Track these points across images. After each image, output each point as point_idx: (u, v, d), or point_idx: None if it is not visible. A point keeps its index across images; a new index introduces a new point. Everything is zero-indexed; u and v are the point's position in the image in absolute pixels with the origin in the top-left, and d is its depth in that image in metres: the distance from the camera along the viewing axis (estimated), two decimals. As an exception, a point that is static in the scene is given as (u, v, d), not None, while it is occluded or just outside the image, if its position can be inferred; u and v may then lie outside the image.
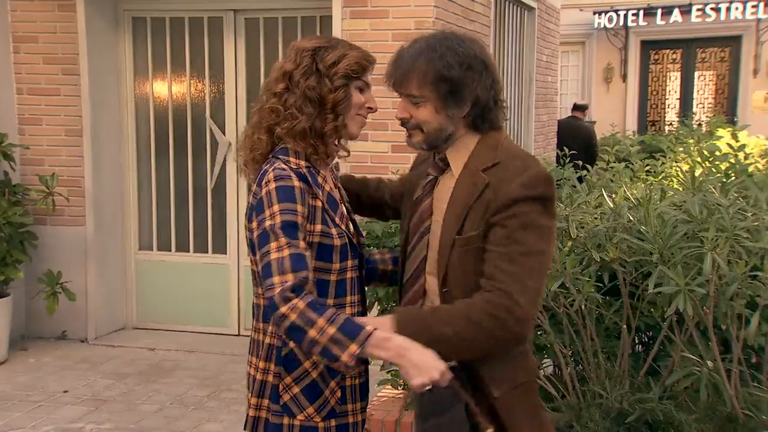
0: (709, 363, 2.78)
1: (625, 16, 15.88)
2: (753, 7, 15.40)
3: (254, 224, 1.94)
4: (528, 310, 1.90)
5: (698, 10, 15.49)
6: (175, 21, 6.28)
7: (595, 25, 16.15)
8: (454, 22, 5.57)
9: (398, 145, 5.34)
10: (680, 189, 3.31)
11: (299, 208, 1.92)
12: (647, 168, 4.01)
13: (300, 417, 2.01)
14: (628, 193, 3.00)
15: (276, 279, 1.81)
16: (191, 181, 6.37)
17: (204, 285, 6.24)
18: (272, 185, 1.93)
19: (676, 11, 15.57)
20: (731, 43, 16.53)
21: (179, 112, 6.37)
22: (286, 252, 1.83)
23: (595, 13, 15.97)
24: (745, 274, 2.62)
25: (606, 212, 3.01)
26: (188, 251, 6.40)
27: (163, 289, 6.39)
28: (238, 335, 6.22)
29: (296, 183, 1.95)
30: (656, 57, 16.84)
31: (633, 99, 16.62)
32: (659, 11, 15.66)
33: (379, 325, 1.86)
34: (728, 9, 15.44)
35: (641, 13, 15.77)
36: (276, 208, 1.89)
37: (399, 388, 4.02)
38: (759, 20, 15.69)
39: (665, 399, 2.91)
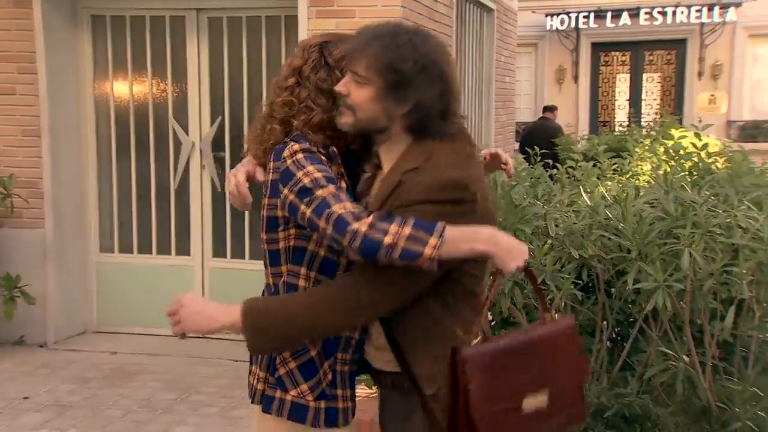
0: (685, 357, 2.84)
1: (576, 18, 16.14)
2: (697, 11, 15.79)
3: (286, 190, 1.88)
4: (368, 299, 1.85)
5: (646, 13, 15.83)
6: (135, 19, 6.17)
7: (548, 27, 16.39)
8: (420, 22, 5.59)
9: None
10: (652, 187, 3.37)
11: (331, 173, 1.91)
12: (614, 167, 4.08)
13: (293, 393, 2.01)
14: (604, 191, 3.04)
15: (335, 207, 1.78)
16: (154, 181, 6.27)
17: (167, 287, 6.15)
18: (299, 155, 1.91)
19: (625, 14, 15.89)
20: (677, 46, 16.92)
21: (141, 112, 6.26)
22: (334, 190, 1.83)
23: (547, 15, 16.20)
24: (720, 270, 2.69)
25: (581, 210, 3.05)
26: (151, 253, 6.30)
27: (125, 292, 6.28)
28: (203, 337, 6.12)
29: (323, 158, 1.96)
30: (606, 59, 17.15)
31: (584, 100, 16.91)
32: (609, 14, 15.98)
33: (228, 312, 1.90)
34: (674, 13, 15.81)
35: (592, 15, 16.06)
36: (310, 168, 1.87)
37: (372, 387, 4.01)
38: (703, 24, 16.09)
39: (642, 393, 2.96)
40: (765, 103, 16.57)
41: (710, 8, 15.72)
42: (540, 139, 9.64)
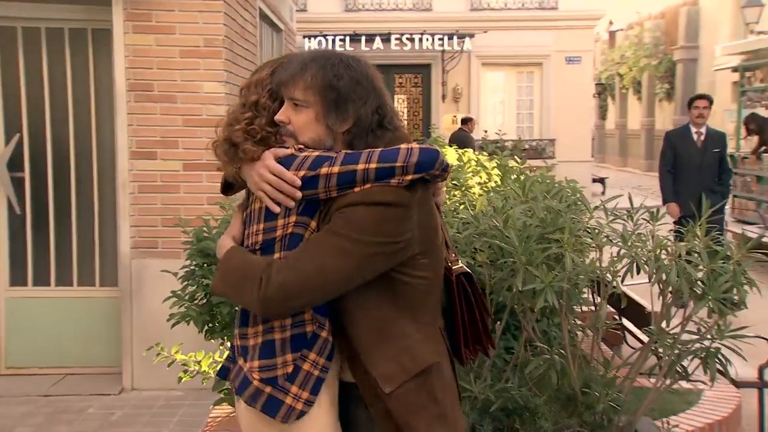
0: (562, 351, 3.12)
1: (333, 41, 16.63)
2: (440, 39, 17.01)
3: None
4: (274, 290, 1.86)
5: (396, 39, 16.74)
6: None
7: (306, 49, 16.70)
8: (234, 40, 5.52)
9: (191, 163, 5.16)
10: (493, 199, 3.62)
11: None
12: (453, 180, 4.34)
13: (248, 365, 2.01)
14: (485, 203, 3.25)
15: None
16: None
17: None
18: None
19: (378, 39, 16.66)
20: (423, 70, 18.09)
21: None
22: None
23: (305, 37, 16.50)
24: (593, 267, 3.00)
25: (466, 219, 3.23)
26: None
27: None
28: (4, 374, 5.55)
29: None
30: (360, 81, 17.83)
31: (341, 119, 17.42)
32: (363, 38, 16.65)
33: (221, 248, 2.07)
34: (420, 40, 16.88)
35: (348, 39, 16.64)
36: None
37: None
38: (444, 51, 17.35)
39: (524, 387, 3.20)
40: (496, 123, 18.17)
41: (450, 37, 16.99)
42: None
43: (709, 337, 3.08)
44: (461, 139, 12.34)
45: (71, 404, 5.13)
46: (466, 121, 13.81)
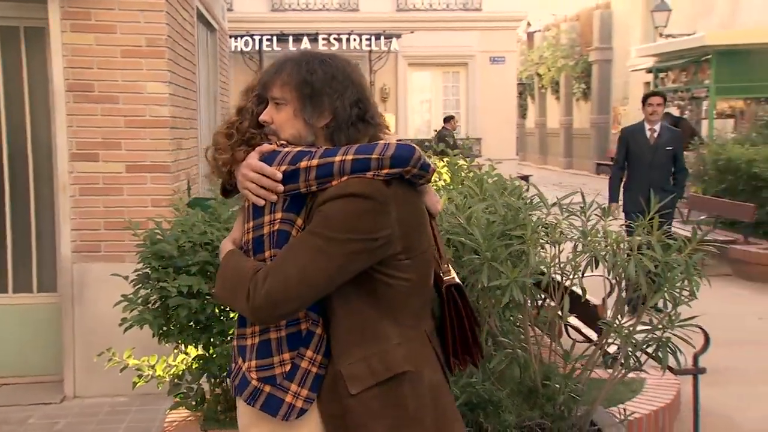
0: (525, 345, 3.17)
1: (260, 41, 16.47)
2: (367, 39, 17.06)
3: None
4: (261, 300, 1.86)
5: (324, 39, 16.69)
6: None
7: (233, 49, 16.48)
8: (176, 40, 5.40)
9: (135, 165, 5.02)
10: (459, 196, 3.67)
11: None
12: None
13: (245, 365, 2.02)
14: (446, 201, 3.27)
15: None
16: None
17: None
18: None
19: (305, 38, 16.58)
20: (351, 70, 18.03)
21: None
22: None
23: (231, 37, 16.26)
24: (556, 262, 3.06)
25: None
26: None
27: None
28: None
29: None
30: (287, 80, 17.73)
31: (270, 119, 17.29)
32: (291, 38, 16.54)
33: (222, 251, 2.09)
34: (348, 40, 16.87)
35: (275, 38, 16.50)
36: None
37: (196, 410, 3.84)
38: (371, 51, 17.39)
39: (487, 381, 3.23)
40: (423, 122, 18.32)
41: (377, 37, 17.05)
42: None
43: (660, 327, 3.18)
44: (444, 137, 13.05)
45: (10, 415, 4.93)
46: (448, 119, 14.41)
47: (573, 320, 5.15)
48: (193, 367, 3.87)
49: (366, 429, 1.94)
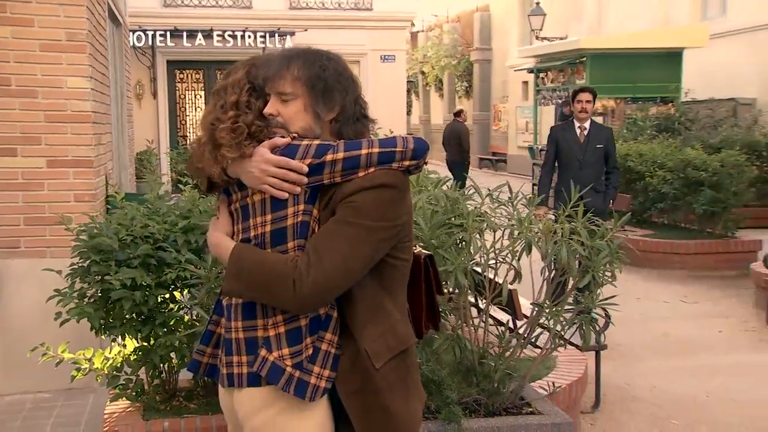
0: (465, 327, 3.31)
1: (153, 36, 15.99)
2: (261, 36, 16.86)
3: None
4: (309, 289, 1.92)
5: (219, 35, 16.38)
6: None
7: (131, 44, 15.95)
8: (93, 35, 5.22)
9: (56, 160, 4.84)
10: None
11: None
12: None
13: (275, 354, 2.02)
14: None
15: None
16: None
17: None
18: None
19: (200, 35, 16.23)
20: (245, 66, 17.79)
21: None
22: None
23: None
24: (493, 249, 3.21)
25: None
26: None
27: None
28: None
29: None
30: (181, 76, 17.33)
31: (164, 115, 16.86)
32: (185, 34, 16.15)
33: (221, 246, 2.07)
34: (243, 37, 16.64)
35: (168, 34, 16.06)
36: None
37: (136, 401, 3.77)
38: (266, 48, 17.20)
39: (429, 362, 3.35)
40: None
41: (272, 35, 16.90)
42: (452, 136, 14.27)
43: (583, 306, 3.40)
44: (458, 129, 14.34)
45: (-74, 417, 4.67)
46: (458, 113, 15.00)
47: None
48: (132, 358, 3.81)
49: (387, 400, 2.04)
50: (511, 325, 3.78)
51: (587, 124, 7.06)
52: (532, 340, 3.68)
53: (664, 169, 9.52)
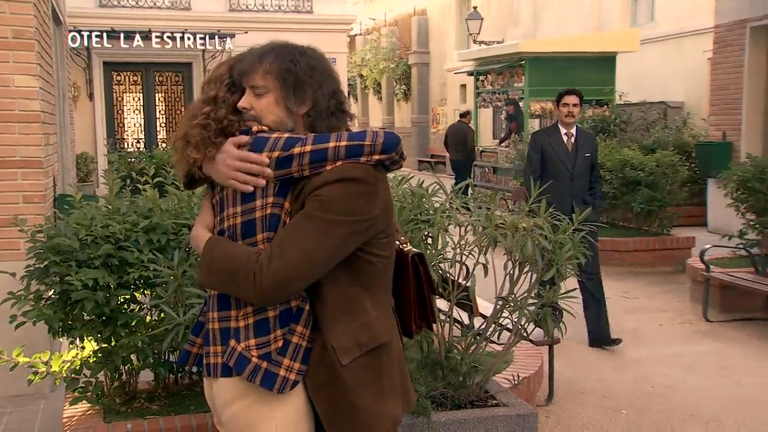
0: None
1: (89, 36, 15.59)
2: (201, 38, 16.63)
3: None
4: (269, 282, 1.91)
5: (157, 37, 16.08)
6: None
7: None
8: (41, 33, 5.09)
9: (4, 160, 4.68)
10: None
11: None
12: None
13: (242, 344, 2.02)
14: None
15: None
16: None
17: None
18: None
19: (138, 36, 15.90)
20: (184, 68, 17.58)
21: None
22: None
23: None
24: (460, 244, 3.25)
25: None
26: None
27: None
28: None
29: None
30: (119, 78, 16.96)
31: (101, 118, 16.48)
32: (122, 35, 15.81)
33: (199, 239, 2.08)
34: (182, 38, 16.38)
35: (105, 35, 15.68)
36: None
37: (96, 404, 3.69)
38: (205, 50, 17.00)
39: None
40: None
41: (211, 37, 16.69)
42: (456, 137, 14.93)
43: (546, 299, 3.47)
44: (463, 130, 15.00)
45: None
46: (464, 114, 15.55)
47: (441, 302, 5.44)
48: (92, 360, 3.72)
49: (354, 397, 2.02)
50: (473, 321, 3.83)
51: (574, 130, 6.27)
52: (494, 336, 3.74)
53: (603, 170, 9.75)
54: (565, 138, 6.22)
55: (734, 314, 7.07)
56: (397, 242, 2.26)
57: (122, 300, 3.57)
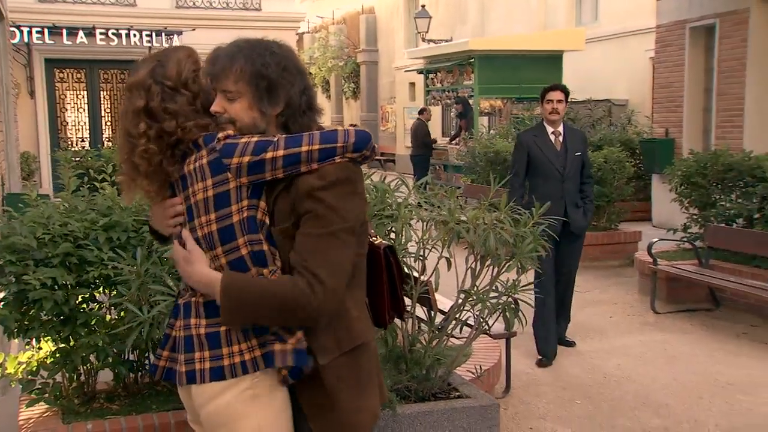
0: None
1: (29, 33, 15.22)
2: (148, 35, 16.41)
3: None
4: (330, 299, 1.96)
5: (102, 33, 15.79)
6: None
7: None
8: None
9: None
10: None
11: None
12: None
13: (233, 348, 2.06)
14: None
15: None
16: None
17: None
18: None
19: (81, 33, 15.59)
20: (130, 66, 17.08)
21: None
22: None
23: (0, 28, 14.90)
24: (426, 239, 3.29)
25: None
26: None
27: None
28: None
29: None
30: (62, 75, 16.59)
31: (43, 116, 16.10)
32: (65, 32, 15.47)
33: (210, 281, 2.00)
34: (127, 35, 16.12)
35: (47, 31, 15.32)
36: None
37: (54, 405, 3.62)
38: (152, 47, 16.72)
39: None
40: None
41: (158, 34, 16.46)
42: (419, 134, 15.25)
43: (506, 293, 3.54)
44: (421, 127, 15.29)
45: None
46: (422, 111, 15.79)
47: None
48: (50, 361, 3.65)
49: (335, 394, 2.05)
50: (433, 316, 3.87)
51: (561, 128, 5.82)
52: (456, 330, 3.79)
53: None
54: (552, 137, 5.78)
55: (680, 305, 7.28)
56: (370, 236, 2.29)
57: (81, 299, 3.52)
